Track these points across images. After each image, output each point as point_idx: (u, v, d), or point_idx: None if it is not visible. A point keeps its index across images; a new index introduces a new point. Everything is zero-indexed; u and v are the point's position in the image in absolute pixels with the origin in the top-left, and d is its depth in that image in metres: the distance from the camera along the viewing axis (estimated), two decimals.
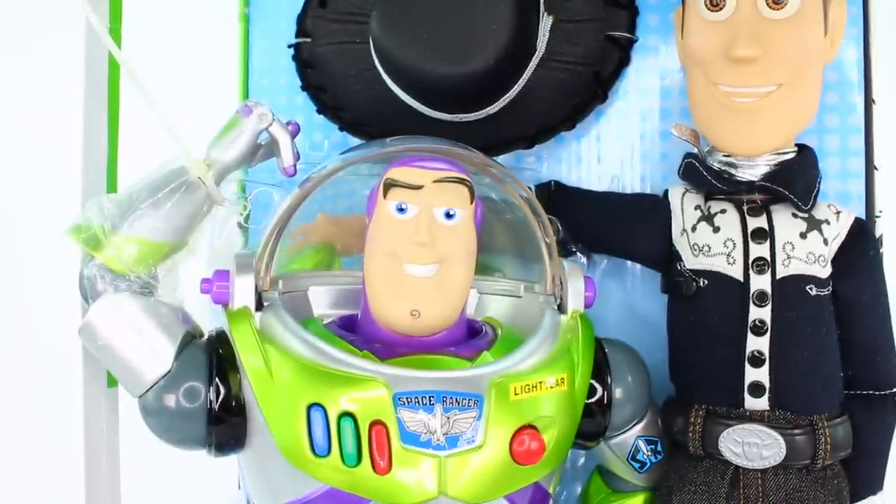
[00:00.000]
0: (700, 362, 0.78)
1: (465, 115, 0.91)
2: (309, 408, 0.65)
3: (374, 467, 0.64)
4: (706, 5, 0.77)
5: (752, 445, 0.75)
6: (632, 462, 0.81)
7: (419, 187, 0.71)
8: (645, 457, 0.81)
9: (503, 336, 0.76)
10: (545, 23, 0.90)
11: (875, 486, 0.81)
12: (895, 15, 0.84)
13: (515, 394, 0.67)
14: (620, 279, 0.92)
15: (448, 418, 0.65)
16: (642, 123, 0.92)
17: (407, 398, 0.65)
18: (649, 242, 0.83)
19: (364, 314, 0.75)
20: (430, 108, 0.91)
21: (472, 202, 0.73)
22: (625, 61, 0.90)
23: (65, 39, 0.78)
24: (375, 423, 0.64)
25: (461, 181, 0.72)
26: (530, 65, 0.90)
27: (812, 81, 0.77)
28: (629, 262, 0.92)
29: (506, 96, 0.90)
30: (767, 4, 0.75)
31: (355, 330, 0.76)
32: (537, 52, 0.90)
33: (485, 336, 0.77)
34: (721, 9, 0.76)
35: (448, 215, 0.72)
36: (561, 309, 0.77)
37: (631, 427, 0.80)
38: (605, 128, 0.93)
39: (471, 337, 0.77)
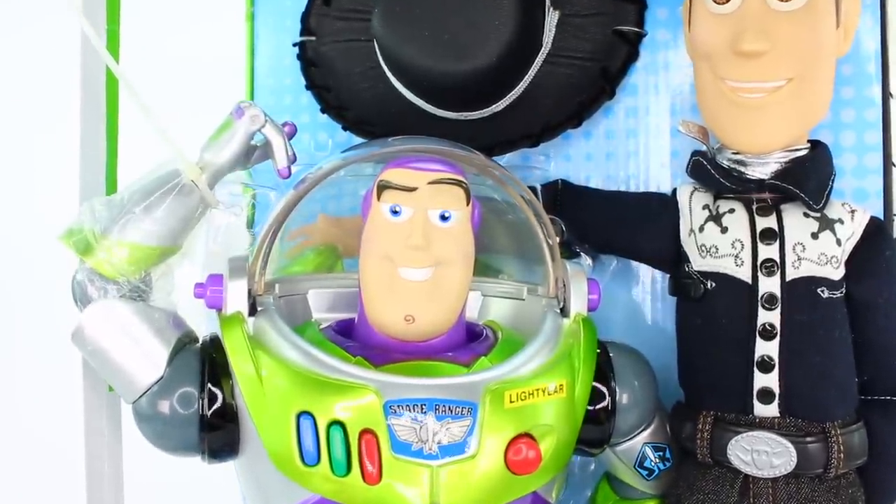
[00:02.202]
0: (707, 367, 0.76)
1: (469, 113, 0.90)
2: (298, 416, 0.64)
3: (364, 477, 0.63)
4: None
5: (762, 453, 0.73)
6: (639, 469, 0.79)
7: (413, 189, 0.70)
8: (653, 464, 0.79)
9: (503, 340, 0.74)
10: (551, 18, 0.88)
11: (893, 494, 0.77)
12: None
13: (511, 401, 0.65)
14: (629, 281, 0.90)
15: (441, 427, 0.63)
16: (652, 120, 0.89)
17: (398, 406, 0.63)
18: (657, 243, 0.80)
19: (360, 318, 0.74)
20: (434, 107, 0.90)
21: (468, 204, 0.71)
22: (633, 56, 0.87)
23: (61, 42, 0.78)
24: (365, 432, 0.63)
25: (456, 182, 0.70)
26: (536, 61, 0.88)
27: (823, 75, 0.74)
28: (638, 264, 0.89)
29: (511, 93, 0.88)
30: None
31: (352, 334, 0.75)
32: (543, 48, 0.88)
33: (485, 340, 0.75)
34: (728, 1, 0.73)
35: (443, 217, 0.70)
36: (564, 312, 0.75)
37: (638, 433, 0.78)
38: (614, 124, 0.90)
39: (471, 341, 0.75)
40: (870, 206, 0.82)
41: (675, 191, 0.81)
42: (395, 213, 0.70)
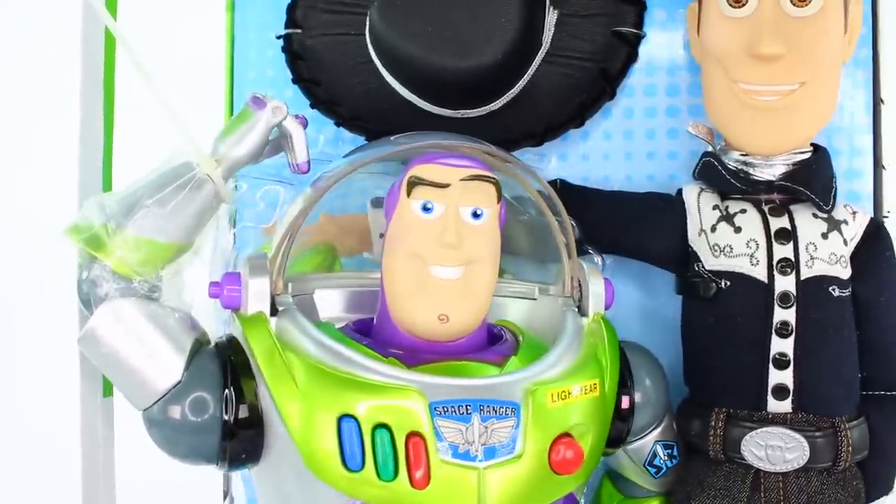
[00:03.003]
0: (722, 365, 0.77)
1: (466, 111, 0.88)
2: (339, 420, 0.62)
3: (411, 481, 0.61)
4: (728, 1, 0.75)
5: (776, 448, 0.74)
6: (648, 467, 0.80)
7: (446, 186, 0.68)
8: (662, 462, 0.80)
9: (526, 340, 0.74)
10: (551, 17, 0.88)
11: (887, 487, 0.80)
12: None
13: (553, 401, 0.65)
14: (625, 278, 0.90)
15: (486, 428, 0.62)
16: (649, 121, 0.90)
17: (444, 407, 0.62)
18: (663, 242, 0.81)
19: (382, 319, 0.72)
20: (431, 104, 0.88)
21: (498, 201, 0.70)
22: (633, 57, 0.88)
23: (62, 34, 0.73)
24: (412, 435, 0.61)
25: (488, 179, 0.69)
26: (535, 60, 0.88)
27: (832, 80, 0.76)
28: (634, 261, 0.90)
29: (510, 92, 0.88)
30: (791, 2, 0.74)
31: (371, 335, 0.73)
32: (542, 47, 0.88)
33: (506, 341, 0.74)
34: (744, 5, 0.75)
35: (475, 215, 0.69)
36: (581, 311, 0.75)
37: (649, 432, 0.79)
38: (611, 125, 0.90)
39: (489, 341, 0.74)
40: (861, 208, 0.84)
41: (680, 191, 0.82)
42: (426, 209, 0.68)
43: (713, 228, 0.78)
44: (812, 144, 0.79)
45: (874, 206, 0.86)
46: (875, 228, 0.79)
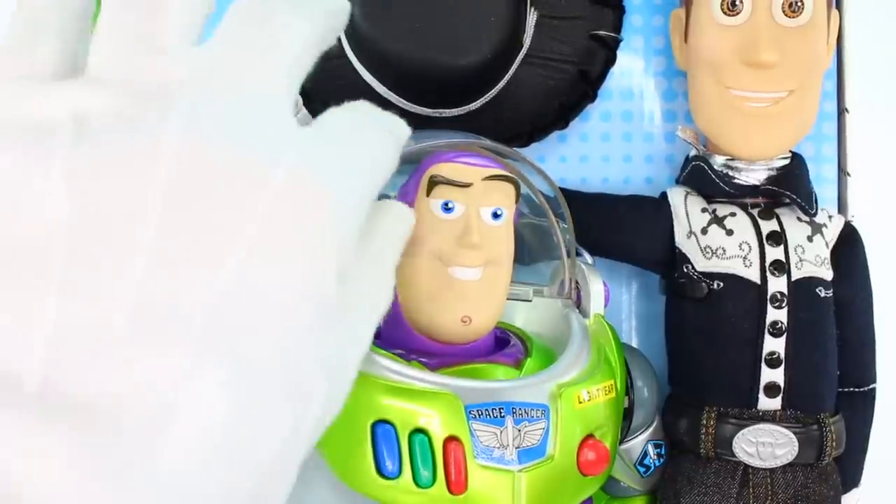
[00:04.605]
0: (713, 364, 0.78)
1: (445, 110, 0.87)
2: (374, 425, 0.59)
3: (449, 487, 0.59)
4: (723, 9, 0.77)
5: (767, 445, 0.76)
6: (638, 467, 0.81)
7: (468, 185, 0.67)
8: (651, 461, 0.81)
9: (534, 343, 0.73)
10: (531, 18, 0.88)
11: (856, 480, 0.84)
12: (869, 27, 0.88)
13: (580, 402, 0.65)
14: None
15: (519, 431, 0.61)
16: (626, 125, 0.91)
17: (478, 411, 0.61)
18: (650, 244, 0.82)
19: (391, 321, 0.69)
20: (410, 103, 0.86)
21: (517, 201, 0.69)
22: (611, 61, 0.88)
23: None
24: (450, 440, 0.60)
25: (508, 179, 0.68)
26: (516, 60, 0.87)
27: (817, 89, 0.79)
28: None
29: (490, 92, 0.87)
30: (783, 12, 0.76)
31: (376, 337, 0.71)
32: (523, 48, 0.87)
33: (514, 344, 0.73)
34: (738, 13, 0.77)
35: (495, 215, 0.68)
36: (581, 312, 0.75)
37: (642, 432, 0.80)
38: (587, 127, 0.91)
39: (494, 342, 0.73)
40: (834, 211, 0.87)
41: (664, 194, 0.83)
42: (447, 209, 0.67)
43: (704, 231, 0.79)
44: (789, 151, 0.81)
45: (838, 210, 0.89)
46: (850, 231, 0.82)
